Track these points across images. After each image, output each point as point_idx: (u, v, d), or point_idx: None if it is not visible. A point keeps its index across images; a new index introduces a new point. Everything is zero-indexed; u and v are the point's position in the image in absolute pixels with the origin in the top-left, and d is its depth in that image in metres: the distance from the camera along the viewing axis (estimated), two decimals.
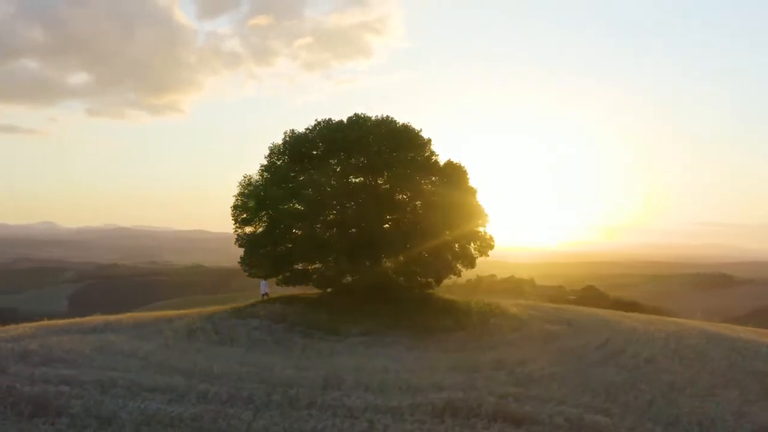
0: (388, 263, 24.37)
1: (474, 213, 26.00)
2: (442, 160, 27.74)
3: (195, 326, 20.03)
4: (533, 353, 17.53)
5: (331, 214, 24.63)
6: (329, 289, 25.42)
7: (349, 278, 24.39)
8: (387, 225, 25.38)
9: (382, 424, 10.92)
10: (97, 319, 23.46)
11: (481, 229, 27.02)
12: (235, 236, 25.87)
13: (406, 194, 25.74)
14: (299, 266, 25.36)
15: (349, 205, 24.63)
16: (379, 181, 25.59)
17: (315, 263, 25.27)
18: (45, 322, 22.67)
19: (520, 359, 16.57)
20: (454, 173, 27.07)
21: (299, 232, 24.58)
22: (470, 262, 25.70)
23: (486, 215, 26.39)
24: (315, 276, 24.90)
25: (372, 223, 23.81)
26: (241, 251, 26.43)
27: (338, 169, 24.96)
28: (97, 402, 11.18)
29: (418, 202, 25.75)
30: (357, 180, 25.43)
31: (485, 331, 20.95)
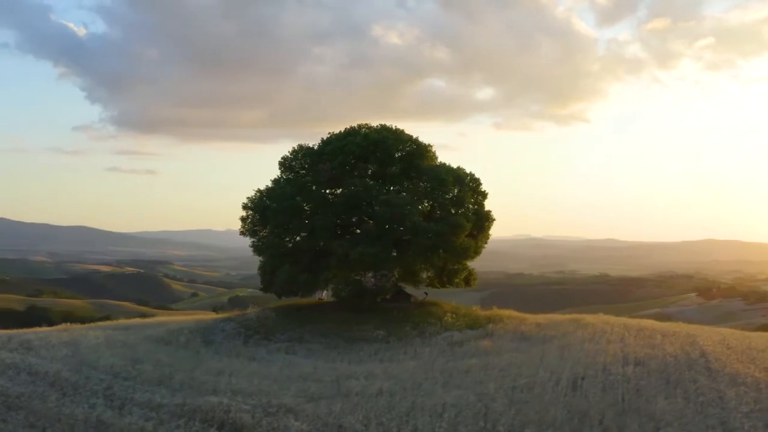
0: (330, 274, 24.59)
1: (453, 221, 24.45)
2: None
3: (177, 328, 23.55)
4: (417, 370, 16.92)
5: (292, 224, 25.50)
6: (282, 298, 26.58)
7: (301, 289, 25.22)
8: (347, 235, 25.55)
9: (121, 415, 12.67)
10: (141, 321, 28.58)
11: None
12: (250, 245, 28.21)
13: (369, 204, 25.45)
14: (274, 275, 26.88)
15: (311, 216, 25.36)
16: (338, 191, 25.97)
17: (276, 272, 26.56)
18: (110, 322, 29.25)
19: (385, 376, 16.43)
20: (450, 179, 25.97)
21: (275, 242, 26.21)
22: (448, 274, 24.28)
23: (466, 225, 24.41)
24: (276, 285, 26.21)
25: (328, 233, 24.42)
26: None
27: (304, 180, 25.94)
28: None
29: (383, 210, 24.77)
30: (321, 191, 25.98)
31: (412, 344, 20.38)
